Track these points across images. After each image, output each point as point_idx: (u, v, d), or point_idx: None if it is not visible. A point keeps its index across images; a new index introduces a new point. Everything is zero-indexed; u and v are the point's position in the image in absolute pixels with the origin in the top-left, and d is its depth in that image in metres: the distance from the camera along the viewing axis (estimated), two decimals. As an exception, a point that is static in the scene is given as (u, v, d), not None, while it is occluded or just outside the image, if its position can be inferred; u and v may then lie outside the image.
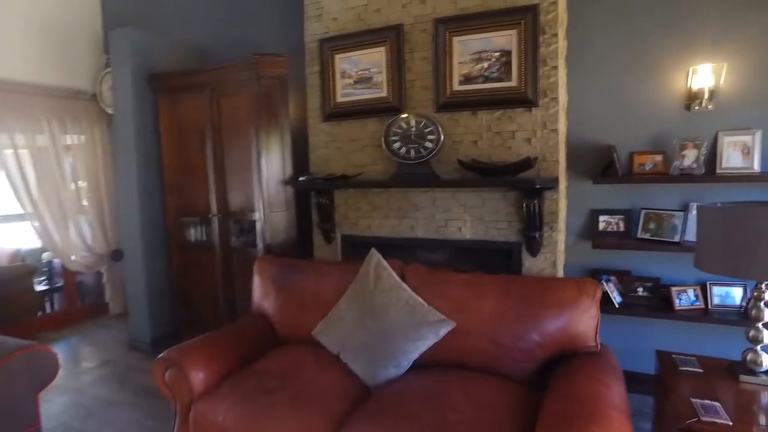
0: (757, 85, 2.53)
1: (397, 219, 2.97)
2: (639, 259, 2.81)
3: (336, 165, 3.11)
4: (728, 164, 2.56)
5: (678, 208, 2.71)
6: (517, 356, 2.17)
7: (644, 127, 2.74)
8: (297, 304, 2.69)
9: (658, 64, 2.69)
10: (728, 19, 2.54)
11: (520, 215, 2.65)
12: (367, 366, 2.22)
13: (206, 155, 3.41)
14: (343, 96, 3.01)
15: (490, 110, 2.65)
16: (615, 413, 1.69)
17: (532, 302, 2.19)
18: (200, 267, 3.59)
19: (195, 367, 2.28)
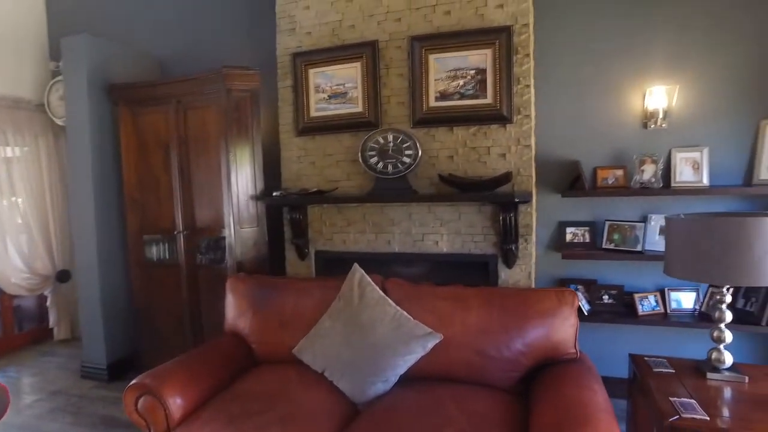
0: (705, 106, 2.76)
1: (374, 234, 2.98)
2: (604, 268, 2.97)
3: (309, 180, 3.08)
4: (681, 178, 2.77)
5: (638, 220, 2.89)
6: (503, 366, 2.22)
7: (606, 143, 2.92)
8: (276, 323, 2.63)
9: (617, 86, 2.88)
10: (679, 45, 2.76)
11: (495, 228, 2.73)
12: (355, 383, 2.20)
13: (171, 170, 3.28)
14: (317, 110, 3.00)
15: (466, 126, 2.73)
16: (603, 416, 1.76)
17: (515, 313, 2.26)
18: (164, 286, 3.43)
19: (172, 393, 2.17)
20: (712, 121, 2.76)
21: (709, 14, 2.71)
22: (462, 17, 2.69)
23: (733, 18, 2.68)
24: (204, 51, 3.73)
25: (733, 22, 2.68)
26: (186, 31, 3.83)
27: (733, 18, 2.68)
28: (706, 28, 2.72)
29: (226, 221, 3.11)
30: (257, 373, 2.46)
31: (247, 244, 3.18)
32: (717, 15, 2.70)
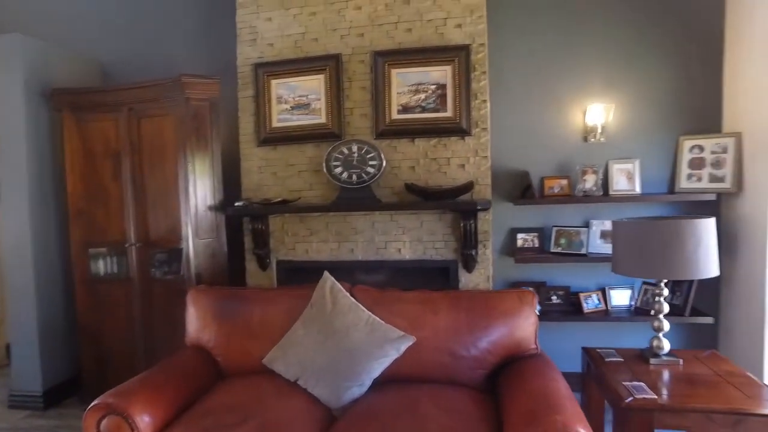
0: (636, 123, 3.09)
1: (336, 243, 3.03)
2: (552, 271, 3.20)
3: (270, 190, 3.08)
4: (618, 187, 3.06)
5: (581, 225, 3.16)
6: (472, 365, 2.35)
7: (552, 155, 3.17)
8: (242, 334, 2.59)
9: (561, 102, 3.14)
10: (615, 67, 3.08)
11: (455, 235, 2.88)
12: (331, 389, 2.22)
13: (123, 179, 3.15)
14: (279, 121, 3.02)
15: (427, 138, 2.87)
16: (568, 402, 1.91)
17: (481, 314, 2.39)
18: (112, 302, 3.26)
19: (139, 410, 2.07)
20: (642, 137, 3.09)
21: (638, 43, 3.05)
22: (423, 35, 2.84)
23: (658, 48, 3.03)
24: (153, 58, 3.63)
25: (658, 52, 3.03)
26: (133, 36, 3.70)
27: (658, 48, 3.03)
28: (635, 55, 3.06)
29: (185, 232, 3.04)
30: (226, 386, 2.41)
31: (205, 255, 3.11)
32: (644, 44, 3.04)
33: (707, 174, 2.93)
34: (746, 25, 2.80)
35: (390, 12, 2.87)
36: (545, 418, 1.80)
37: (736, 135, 2.85)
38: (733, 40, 2.94)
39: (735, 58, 2.91)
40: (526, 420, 1.84)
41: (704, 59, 3.01)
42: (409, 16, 2.85)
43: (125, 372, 3.18)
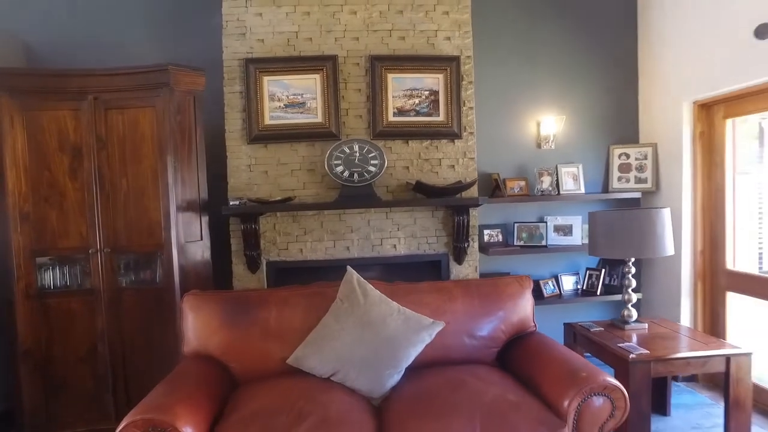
0: (579, 133, 3.66)
1: (332, 241, 3.07)
2: (515, 262, 3.62)
3: (261, 189, 3.01)
4: (566, 187, 3.59)
5: (537, 221, 3.62)
6: (488, 344, 2.61)
7: (513, 159, 3.60)
8: (259, 337, 2.51)
9: (521, 113, 3.59)
10: (563, 86, 3.62)
11: (447, 230, 3.12)
12: (374, 378, 2.30)
13: (84, 179, 2.80)
14: (272, 119, 2.98)
15: (420, 140, 3.08)
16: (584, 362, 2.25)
17: (491, 298, 2.67)
18: (66, 319, 2.86)
19: (183, 424, 1.92)
20: (583, 145, 3.67)
21: (579, 68, 3.63)
22: (415, 44, 3.05)
23: (594, 73, 3.65)
24: (101, 42, 3.28)
25: (594, 76, 3.65)
26: (75, 15, 3.30)
27: (594, 73, 3.65)
28: (578, 77, 3.64)
29: (168, 235, 2.81)
30: (252, 391, 2.30)
31: (191, 259, 2.92)
32: (584, 69, 3.64)
33: (633, 176, 3.60)
34: (655, 58, 3.53)
35: (384, 19, 3.02)
36: (577, 375, 2.13)
37: (652, 145, 3.56)
38: (644, 70, 3.66)
39: (647, 83, 3.64)
40: (562, 380, 2.15)
41: (625, 84, 3.70)
42: (402, 25, 3.04)
43: (84, 399, 2.87)
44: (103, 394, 2.91)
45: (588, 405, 2.06)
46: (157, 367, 2.88)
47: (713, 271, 3.28)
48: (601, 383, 2.06)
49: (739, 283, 3.15)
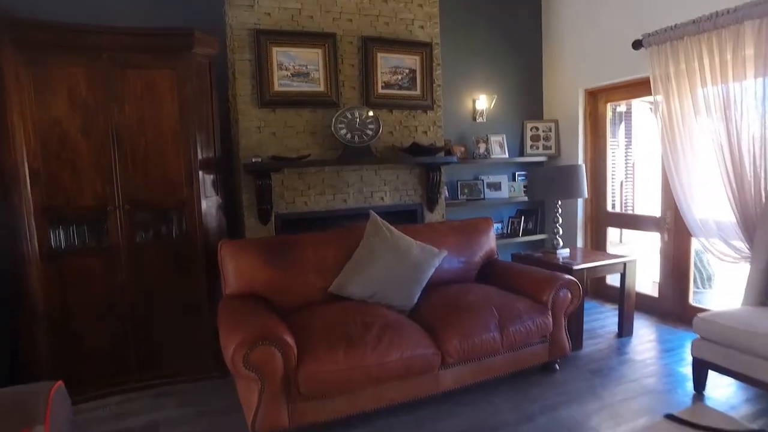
0: (503, 109, 4.62)
1: (332, 194, 3.56)
2: (459, 212, 4.45)
3: (269, 149, 3.35)
4: (495, 153, 4.54)
5: (474, 179, 4.52)
6: (472, 267, 3.41)
7: (456, 129, 4.42)
8: (298, 273, 2.93)
9: (461, 92, 4.43)
10: (492, 70, 4.53)
11: (422, 184, 3.83)
12: (405, 294, 2.93)
13: (100, 136, 2.85)
14: (280, 86, 3.32)
15: (402, 110, 3.70)
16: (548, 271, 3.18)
17: (473, 234, 3.47)
18: (84, 276, 2.89)
19: (284, 333, 2.31)
20: (506, 119, 4.65)
21: (504, 56, 4.57)
22: (397, 29, 3.65)
23: (512, 61, 4.63)
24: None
25: (512, 63, 4.63)
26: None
27: (512, 61, 4.63)
28: (502, 63, 4.59)
29: (194, 191, 3.02)
30: (306, 315, 2.72)
31: (210, 213, 3.15)
32: (506, 57, 4.59)
33: (541, 144, 4.70)
34: (555, 54, 4.64)
35: (373, 6, 3.56)
36: (549, 279, 3.04)
37: (555, 121, 4.69)
38: (548, 63, 4.77)
39: (550, 73, 4.75)
40: (541, 283, 3.04)
41: (532, 70, 4.76)
42: (387, 12, 3.60)
43: (103, 356, 2.97)
44: (122, 349, 3.02)
45: (558, 296, 2.98)
46: (180, 318, 3.10)
47: (597, 213, 4.54)
48: (566, 281, 3.00)
49: (613, 220, 4.44)
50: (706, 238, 3.47)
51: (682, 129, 3.46)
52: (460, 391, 2.78)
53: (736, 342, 2.48)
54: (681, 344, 3.45)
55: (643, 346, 3.49)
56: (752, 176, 3.07)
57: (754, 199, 3.07)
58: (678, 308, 3.92)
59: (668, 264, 3.98)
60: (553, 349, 2.99)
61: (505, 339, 2.70)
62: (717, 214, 3.36)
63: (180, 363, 3.12)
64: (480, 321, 2.68)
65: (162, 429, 2.60)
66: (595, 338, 3.65)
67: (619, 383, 2.93)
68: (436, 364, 2.55)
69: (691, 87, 3.36)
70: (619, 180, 5.60)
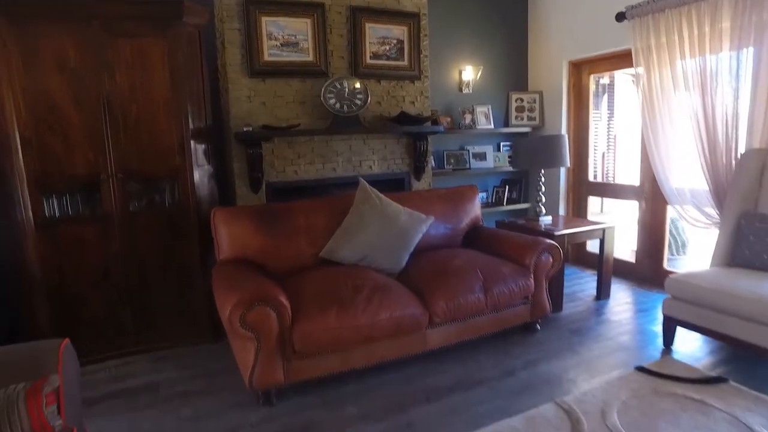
0: (489, 81, 4.69)
1: (321, 163, 3.63)
2: (445, 181, 4.56)
3: (260, 118, 3.40)
4: (480, 123, 4.63)
5: (459, 149, 4.61)
6: (458, 232, 3.54)
7: (442, 99, 4.48)
8: (290, 239, 3.03)
9: (448, 63, 4.47)
10: (478, 42, 4.57)
11: (409, 153, 3.91)
12: (394, 258, 3.05)
13: (92, 104, 2.86)
14: (270, 56, 3.35)
15: (389, 80, 3.76)
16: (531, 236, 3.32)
17: (459, 201, 3.59)
18: (79, 245, 2.95)
19: (279, 295, 2.42)
20: (491, 90, 4.73)
21: (492, 30, 4.61)
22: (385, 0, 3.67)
23: (498, 35, 4.67)
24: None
25: (498, 38, 4.67)
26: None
27: (498, 35, 4.67)
28: (488, 37, 4.63)
29: (186, 160, 3.07)
30: (300, 280, 2.81)
31: (202, 181, 3.21)
32: (493, 32, 4.63)
33: (526, 115, 4.79)
34: (540, 27, 4.70)
35: (360, -25, 3.57)
36: (532, 244, 3.18)
37: (539, 92, 4.78)
38: (533, 35, 4.82)
39: (535, 45, 4.82)
40: (523, 247, 3.17)
41: (517, 42, 4.82)
42: (375, -19, 3.62)
43: (101, 322, 3.05)
44: (119, 315, 3.10)
45: (540, 260, 3.12)
46: (175, 284, 3.19)
47: (579, 183, 4.69)
48: (547, 245, 3.14)
49: (594, 189, 4.60)
50: (681, 206, 3.63)
51: (661, 100, 3.57)
52: (447, 349, 2.94)
53: (703, 300, 2.66)
54: (654, 306, 3.65)
55: (619, 308, 3.68)
56: (725, 145, 3.21)
57: (726, 167, 3.22)
58: (653, 273, 4.11)
59: (645, 231, 4.16)
60: (534, 310, 3.16)
61: (489, 300, 2.85)
62: (691, 182, 3.52)
63: (175, 328, 3.23)
64: (465, 283, 2.81)
65: (162, 389, 2.71)
66: (575, 301, 3.83)
67: (596, 341, 3.11)
68: (423, 323, 2.68)
69: (671, 59, 3.46)
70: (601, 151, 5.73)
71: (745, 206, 2.98)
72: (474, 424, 2.24)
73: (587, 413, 2.27)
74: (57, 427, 1.46)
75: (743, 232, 2.86)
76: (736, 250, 2.89)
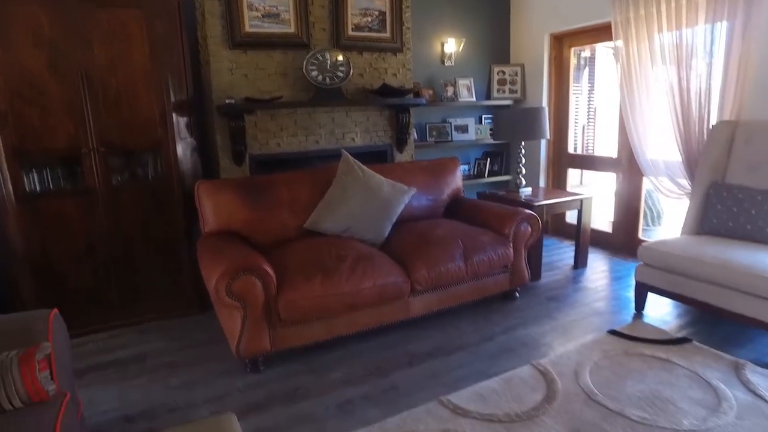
0: (471, 53, 4.70)
1: (304, 136, 3.64)
2: (428, 153, 4.59)
3: (242, 90, 3.38)
4: (463, 96, 4.65)
5: (441, 122, 4.64)
6: (440, 204, 3.61)
7: (424, 72, 4.49)
8: (275, 211, 3.06)
9: (431, 35, 4.46)
10: (461, 14, 4.56)
11: (391, 125, 3.94)
12: (376, 229, 3.11)
13: (70, 76, 2.83)
14: (251, 27, 3.31)
15: (371, 52, 3.75)
16: (510, 207, 3.41)
17: (441, 173, 3.64)
18: (62, 220, 2.95)
19: (264, 264, 2.47)
20: (474, 63, 4.74)
21: (469, 0, 4.61)
22: (366, -31, 3.63)
23: (480, 8, 4.66)
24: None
25: (481, 10, 4.66)
26: None
27: (480, 8, 4.66)
28: (471, 10, 4.61)
29: (168, 132, 3.06)
30: (284, 251, 2.87)
31: (185, 154, 3.21)
32: (472, 1, 4.63)
33: (507, 88, 4.83)
34: None
35: (342, -56, 3.52)
36: (511, 214, 3.26)
37: (521, 65, 4.80)
38: (514, 7, 4.82)
39: (517, 17, 4.82)
40: (503, 217, 3.26)
41: (499, 14, 4.82)
42: (356, -50, 3.57)
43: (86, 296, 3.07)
44: (105, 289, 3.13)
45: (518, 229, 3.21)
46: (160, 257, 3.23)
47: (559, 155, 4.77)
48: (526, 215, 3.23)
49: (573, 161, 4.69)
50: (656, 177, 3.74)
51: (639, 73, 3.64)
52: (429, 317, 3.04)
53: (672, 266, 2.78)
54: (628, 273, 3.79)
55: (595, 276, 3.81)
56: (698, 118, 3.30)
57: (698, 139, 3.32)
58: (629, 243, 4.25)
59: (622, 202, 4.27)
60: (513, 278, 3.26)
61: (469, 268, 2.94)
62: (666, 154, 3.62)
63: (162, 301, 3.27)
64: (446, 252, 2.89)
65: (150, 359, 2.77)
66: (553, 270, 3.96)
67: (572, 307, 3.24)
68: (406, 291, 2.77)
69: (649, 33, 3.51)
70: (581, 124, 5.82)
71: (714, 177, 3.09)
72: (454, 386, 2.35)
73: (561, 374, 2.40)
74: (51, 391, 1.51)
75: (711, 201, 2.97)
76: (705, 218, 3.01)
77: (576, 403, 2.14)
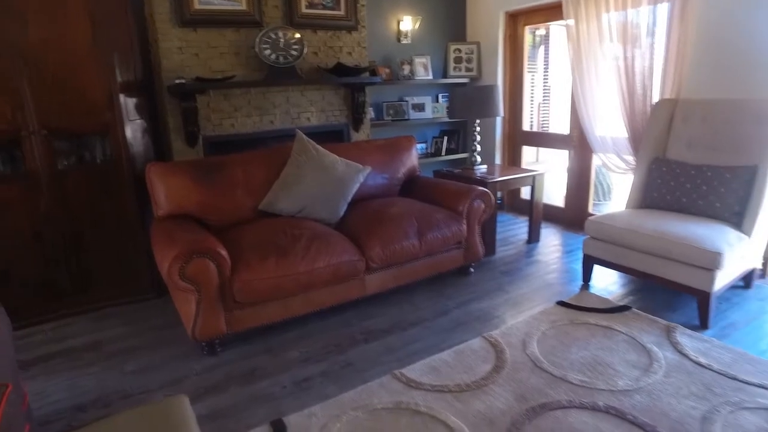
0: (427, 31, 4.70)
1: (258, 116, 3.59)
2: (385, 132, 4.60)
3: (193, 70, 3.30)
4: (419, 74, 4.66)
5: (398, 100, 4.65)
6: (395, 182, 3.65)
7: (380, 50, 4.47)
8: (229, 193, 3.02)
9: (386, 12, 4.43)
10: (417, -8, 4.55)
11: (347, 105, 3.93)
12: (331, 209, 3.13)
13: (7, 57, 2.68)
14: (200, 4, 3.21)
15: (326, 30, 3.70)
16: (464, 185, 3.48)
17: (396, 151, 3.67)
18: (3, 206, 2.83)
19: (217, 246, 2.47)
20: (430, 41, 4.74)
21: (426, -26, 4.58)
22: (319, -56, 3.56)
23: (436, -21, 4.65)
24: None
25: (436, -19, 4.66)
26: None
27: (436, -21, 4.65)
28: (425, -18, 4.60)
29: (116, 114, 2.97)
30: (238, 232, 2.85)
31: (135, 137, 3.12)
32: (429, -25, 4.60)
33: (464, 66, 4.87)
34: (480, -26, 4.72)
35: None
36: (465, 191, 3.33)
37: (477, 43, 4.84)
38: (469, -18, 4.84)
39: (472, -6, 4.84)
40: (457, 195, 3.33)
41: (457, -7, 4.83)
42: (307, -76, 3.49)
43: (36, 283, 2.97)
44: (55, 277, 3.04)
45: (472, 206, 3.29)
46: (113, 242, 3.15)
47: (515, 133, 4.87)
48: (479, 192, 3.31)
49: (527, 139, 4.80)
50: (604, 153, 3.88)
51: (588, 51, 3.73)
52: (385, 293, 3.11)
53: (616, 238, 2.93)
54: (579, 247, 3.95)
55: (547, 250, 3.96)
56: (642, 95, 3.43)
57: (642, 116, 3.46)
58: (580, 217, 4.41)
59: (573, 178, 4.42)
60: (467, 254, 3.35)
61: (423, 245, 3.01)
62: (613, 131, 3.76)
63: (117, 287, 3.21)
64: (401, 229, 2.95)
65: (104, 346, 2.73)
66: (507, 245, 4.08)
67: (525, 281, 3.37)
68: (361, 269, 2.82)
69: (597, 12, 3.60)
70: (537, 102, 5.95)
71: (656, 152, 3.23)
72: (408, 360, 2.43)
73: (510, 344, 2.51)
74: (-8, 381, 1.49)
75: (652, 176, 3.12)
76: (647, 193, 3.16)
77: (523, 372, 2.25)
